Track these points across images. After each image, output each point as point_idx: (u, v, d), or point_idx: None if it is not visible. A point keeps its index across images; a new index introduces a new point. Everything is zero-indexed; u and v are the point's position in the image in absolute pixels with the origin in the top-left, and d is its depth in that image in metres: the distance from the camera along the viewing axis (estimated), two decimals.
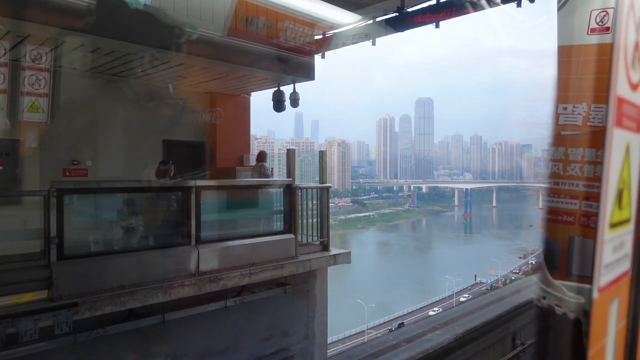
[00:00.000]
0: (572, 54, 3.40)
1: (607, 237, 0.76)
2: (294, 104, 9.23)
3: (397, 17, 7.77)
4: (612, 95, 0.71)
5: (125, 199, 5.83)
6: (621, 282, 0.83)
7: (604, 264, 0.75)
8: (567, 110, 3.11)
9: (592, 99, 2.14)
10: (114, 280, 4.90)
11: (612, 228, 0.77)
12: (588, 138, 2.07)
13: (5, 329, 4.07)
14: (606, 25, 3.24)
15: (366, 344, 20.73)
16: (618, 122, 0.73)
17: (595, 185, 2.85)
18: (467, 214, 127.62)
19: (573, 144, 2.13)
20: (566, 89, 2.14)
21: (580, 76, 2.44)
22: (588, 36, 3.28)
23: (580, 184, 3.11)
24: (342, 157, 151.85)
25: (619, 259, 0.82)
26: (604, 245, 0.75)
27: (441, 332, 16.08)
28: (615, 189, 0.74)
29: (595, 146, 2.19)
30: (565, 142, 2.24)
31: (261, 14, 7.67)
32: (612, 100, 0.71)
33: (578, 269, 1.64)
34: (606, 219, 0.74)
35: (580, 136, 2.75)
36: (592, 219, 2.43)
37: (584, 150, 3.13)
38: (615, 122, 0.73)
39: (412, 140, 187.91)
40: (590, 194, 2.68)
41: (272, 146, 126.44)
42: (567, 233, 2.82)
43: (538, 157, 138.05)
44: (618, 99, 0.73)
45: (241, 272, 5.94)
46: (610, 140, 0.71)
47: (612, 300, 0.82)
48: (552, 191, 2.30)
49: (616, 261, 0.81)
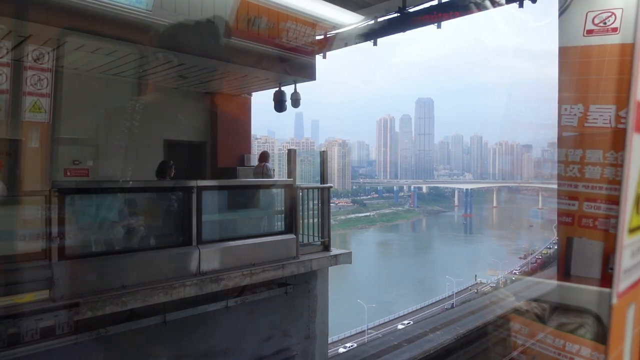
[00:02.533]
0: (573, 55, 3.40)
1: (626, 243, 0.75)
2: (295, 104, 9.22)
3: (398, 17, 7.76)
4: (632, 100, 0.70)
5: (126, 199, 5.83)
6: (638, 288, 0.82)
7: (623, 269, 0.74)
8: (570, 110, 3.10)
9: (614, 100, 2.13)
10: (115, 281, 4.89)
11: (631, 233, 0.76)
12: (605, 139, 2.06)
13: (6, 329, 4.07)
14: (611, 26, 3.24)
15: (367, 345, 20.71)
16: (638, 128, 0.72)
17: (601, 187, 2.84)
18: (468, 214, 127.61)
19: (592, 145, 2.11)
20: (574, 90, 2.13)
21: (588, 77, 2.43)
22: (589, 37, 3.27)
23: (580, 185, 3.11)
24: (343, 158, 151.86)
25: (637, 264, 0.81)
26: (623, 250, 0.74)
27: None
28: (634, 194, 0.74)
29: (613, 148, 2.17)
30: (583, 144, 2.23)
31: (263, 15, 7.66)
32: (632, 105, 0.70)
33: (585, 270, 1.63)
34: (625, 225, 0.73)
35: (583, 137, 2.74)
36: (600, 220, 2.43)
37: (583, 151, 3.13)
38: (635, 128, 0.71)
39: (412, 141, 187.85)
40: (595, 196, 2.67)
41: (273, 146, 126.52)
42: (568, 234, 2.81)
43: (538, 158, 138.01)
44: (638, 104, 0.71)
45: (242, 272, 5.93)
46: (630, 145, 0.70)
47: (630, 306, 0.81)
48: (564, 193, 2.29)
49: (634, 266, 0.80)
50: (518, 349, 2.13)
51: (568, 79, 3.31)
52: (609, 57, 2.91)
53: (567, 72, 3.30)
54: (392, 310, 52.41)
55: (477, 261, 70.29)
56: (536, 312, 1.94)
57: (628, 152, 0.68)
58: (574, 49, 3.26)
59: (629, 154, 0.68)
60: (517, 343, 2.13)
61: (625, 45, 2.82)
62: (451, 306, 48.98)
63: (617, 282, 0.71)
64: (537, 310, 1.93)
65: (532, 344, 2.13)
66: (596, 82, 3.13)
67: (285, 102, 9.13)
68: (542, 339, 2.00)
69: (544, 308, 1.93)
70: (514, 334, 2.13)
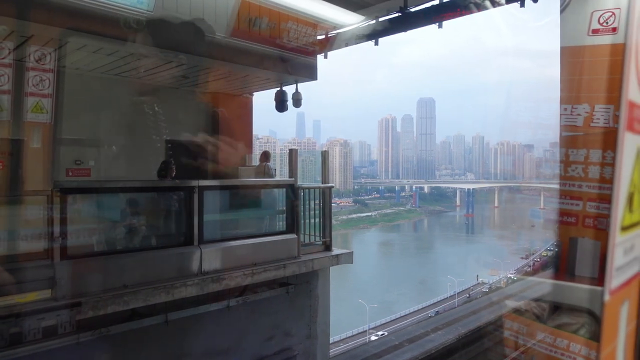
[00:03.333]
0: (575, 55, 3.40)
1: (619, 240, 0.75)
2: (296, 104, 9.22)
3: (399, 17, 7.76)
4: (623, 99, 0.71)
5: (127, 198, 5.85)
6: (631, 285, 0.83)
7: (615, 267, 0.75)
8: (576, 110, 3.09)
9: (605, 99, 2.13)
10: (117, 280, 4.91)
11: (623, 231, 0.77)
12: (596, 139, 2.07)
13: (8, 328, 4.09)
14: (611, 26, 3.24)
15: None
16: (629, 126, 0.73)
17: (602, 187, 2.85)
18: (469, 214, 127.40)
19: (592, 145, 2.11)
20: (578, 90, 2.14)
21: (590, 77, 2.44)
22: (591, 37, 3.28)
23: (583, 185, 3.11)
24: (344, 157, 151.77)
25: (629, 262, 0.81)
26: (615, 248, 0.74)
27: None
28: (627, 192, 0.74)
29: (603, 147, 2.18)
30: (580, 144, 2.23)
31: (264, 15, 7.67)
32: (623, 104, 0.71)
33: (587, 270, 1.64)
34: (617, 222, 0.74)
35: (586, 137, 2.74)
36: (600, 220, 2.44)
37: (585, 151, 3.13)
38: (627, 126, 0.72)
39: (413, 140, 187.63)
40: (596, 195, 2.67)
41: (274, 146, 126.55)
42: (570, 234, 2.81)
43: (540, 158, 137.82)
44: (629, 103, 0.72)
45: (244, 272, 5.95)
46: (622, 144, 0.70)
47: (623, 303, 0.82)
48: (565, 193, 2.29)
49: (627, 264, 0.81)
50: (516, 349, 2.14)
51: (570, 78, 3.31)
52: (608, 57, 2.92)
53: (568, 72, 3.30)
54: (394, 310, 52.42)
55: (478, 261, 70.19)
56: (534, 312, 1.95)
57: (620, 151, 0.69)
58: (575, 48, 3.27)
59: (620, 152, 0.69)
60: (513, 343, 2.14)
61: (619, 46, 2.83)
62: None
63: (609, 279, 0.72)
64: (534, 310, 1.93)
65: (530, 343, 2.14)
66: (597, 82, 3.14)
67: (286, 102, 9.13)
68: (539, 337, 2.01)
69: (541, 307, 1.94)
70: (510, 334, 2.13)
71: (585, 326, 1.67)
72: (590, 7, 3.26)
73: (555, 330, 1.90)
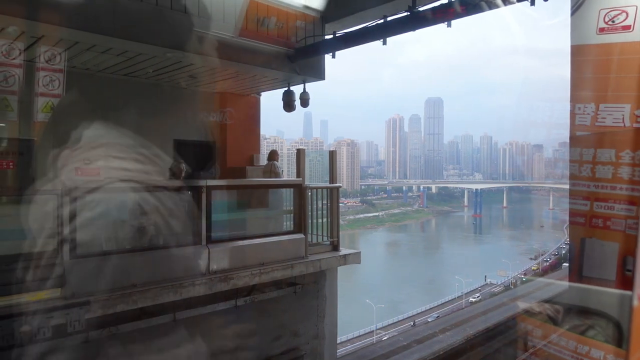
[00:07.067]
0: (585, 54, 3.34)
1: None
2: (304, 104, 9.20)
3: (408, 16, 7.70)
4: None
5: (136, 198, 5.86)
6: None
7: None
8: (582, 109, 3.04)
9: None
10: (126, 279, 4.93)
11: None
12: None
13: (18, 326, 4.12)
14: (622, 24, 3.18)
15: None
16: None
17: (614, 187, 2.80)
18: (477, 215, 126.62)
19: (606, 144, 2.07)
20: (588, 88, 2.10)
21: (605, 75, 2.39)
22: (602, 35, 3.22)
23: (593, 185, 3.06)
24: (351, 157, 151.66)
25: None
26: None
27: None
28: None
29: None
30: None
31: (272, 15, 7.67)
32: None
33: (604, 273, 1.60)
34: None
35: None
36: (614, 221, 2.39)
37: (595, 151, 3.08)
38: None
39: (421, 140, 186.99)
40: (609, 196, 2.62)
41: (281, 146, 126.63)
42: (583, 235, 2.77)
43: (549, 158, 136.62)
44: None
45: (251, 271, 5.95)
46: None
47: None
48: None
49: None
50: (529, 351, 2.10)
51: (581, 77, 3.26)
52: (623, 55, 2.86)
53: (580, 71, 3.25)
54: (402, 310, 52.26)
55: (486, 261, 69.75)
56: (549, 314, 1.90)
57: None
58: (586, 47, 3.21)
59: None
60: (526, 345, 2.10)
61: (635, 44, 2.78)
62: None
63: (638, 284, 0.69)
64: (549, 312, 1.89)
65: (544, 345, 2.10)
66: (611, 81, 3.08)
67: (294, 102, 9.12)
68: (555, 340, 1.97)
69: (556, 310, 1.90)
70: (525, 336, 2.09)
71: (608, 331, 1.62)
72: (600, 5, 3.20)
73: (574, 334, 1.86)
